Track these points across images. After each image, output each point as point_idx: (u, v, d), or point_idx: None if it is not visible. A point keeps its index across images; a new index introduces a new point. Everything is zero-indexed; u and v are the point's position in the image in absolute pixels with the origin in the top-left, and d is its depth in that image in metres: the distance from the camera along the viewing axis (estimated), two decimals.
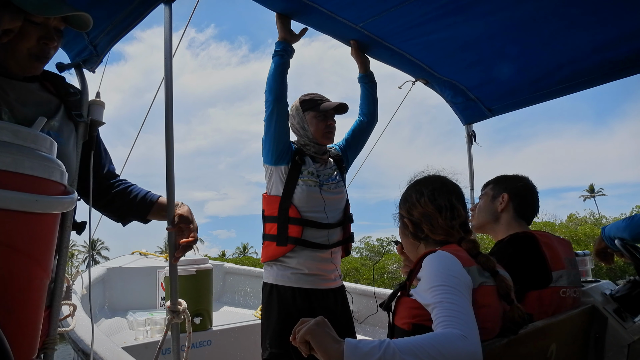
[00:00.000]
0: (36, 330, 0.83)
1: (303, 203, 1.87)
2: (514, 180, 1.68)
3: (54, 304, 1.11)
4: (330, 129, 1.98)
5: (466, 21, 1.92)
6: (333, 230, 1.93)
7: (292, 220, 1.85)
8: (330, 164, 2.06)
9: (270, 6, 1.84)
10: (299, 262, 1.84)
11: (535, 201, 1.67)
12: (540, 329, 1.17)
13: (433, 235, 1.17)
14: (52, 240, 0.86)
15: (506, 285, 1.04)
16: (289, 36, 1.88)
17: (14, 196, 0.71)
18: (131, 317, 3.11)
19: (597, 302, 1.55)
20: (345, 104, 2.00)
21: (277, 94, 1.83)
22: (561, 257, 1.48)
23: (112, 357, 1.59)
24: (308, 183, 1.88)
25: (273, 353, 1.77)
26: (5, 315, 0.73)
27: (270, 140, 1.87)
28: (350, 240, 2.03)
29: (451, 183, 1.24)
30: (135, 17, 1.54)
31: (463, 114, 2.72)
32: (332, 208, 1.94)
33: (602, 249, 1.75)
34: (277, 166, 1.90)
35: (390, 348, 0.78)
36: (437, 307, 0.89)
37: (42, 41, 1.08)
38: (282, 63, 1.85)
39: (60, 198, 0.82)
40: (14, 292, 0.75)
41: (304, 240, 1.85)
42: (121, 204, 1.39)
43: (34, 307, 0.81)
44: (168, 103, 1.35)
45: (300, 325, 0.90)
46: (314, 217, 1.88)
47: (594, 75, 2.26)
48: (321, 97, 2.02)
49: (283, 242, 1.84)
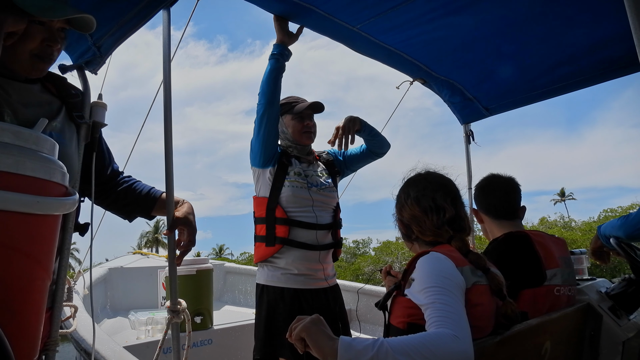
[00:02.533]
0: (37, 331, 0.83)
1: (290, 203, 1.87)
2: (477, 191, 1.76)
3: (55, 306, 1.11)
4: (309, 128, 1.99)
5: (463, 21, 1.93)
6: (322, 232, 1.93)
7: (278, 221, 1.86)
8: (318, 165, 2.06)
9: (267, 8, 1.85)
10: (287, 262, 1.85)
11: (503, 198, 1.68)
12: (534, 326, 1.18)
13: (423, 236, 1.20)
14: (53, 242, 0.86)
15: (498, 282, 1.07)
16: (286, 38, 1.89)
17: (15, 197, 0.70)
18: (133, 316, 3.13)
19: (592, 300, 1.57)
20: (319, 103, 2.00)
21: (270, 98, 1.83)
22: (555, 256, 1.50)
23: (114, 356, 1.61)
24: (294, 184, 1.89)
25: (263, 353, 1.79)
26: (6, 316, 0.73)
27: (259, 143, 1.87)
28: (338, 245, 2.01)
29: (437, 180, 1.24)
30: (140, 18, 1.55)
31: (461, 114, 2.74)
32: (321, 209, 1.94)
33: (598, 248, 1.76)
34: (264, 169, 1.91)
35: (384, 347, 0.80)
36: (430, 308, 0.91)
37: (46, 43, 1.08)
38: (277, 67, 1.86)
39: (61, 199, 0.82)
40: (15, 293, 0.75)
41: (291, 240, 1.86)
42: (126, 202, 1.41)
43: (35, 309, 0.81)
44: (167, 106, 1.37)
45: (296, 323, 0.92)
46: (301, 217, 1.88)
47: (591, 74, 2.27)
48: (296, 99, 2.04)
49: (271, 242, 1.86)
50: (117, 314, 3.51)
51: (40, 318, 0.84)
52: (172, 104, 1.38)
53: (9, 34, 0.98)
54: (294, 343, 0.90)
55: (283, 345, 1.74)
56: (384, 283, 1.53)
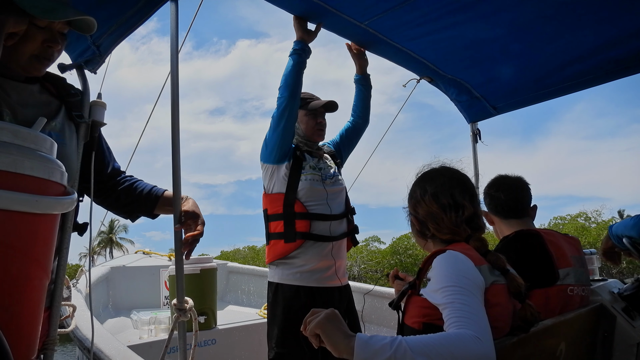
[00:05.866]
0: (35, 330, 0.83)
1: (308, 197, 1.88)
2: (485, 193, 1.72)
3: (53, 305, 1.11)
4: (321, 126, 2.02)
5: (471, 20, 1.92)
6: (336, 222, 1.95)
7: (298, 216, 1.86)
8: (326, 157, 2.09)
9: (276, 3, 1.82)
10: (304, 259, 1.85)
11: (511, 196, 1.65)
12: (549, 327, 1.16)
13: (439, 234, 1.15)
14: (51, 241, 0.85)
15: (517, 284, 1.03)
16: (306, 36, 1.90)
17: (13, 196, 0.70)
18: (135, 316, 3.11)
19: (605, 301, 1.54)
20: (334, 102, 2.01)
21: (293, 91, 1.83)
22: (567, 255, 1.47)
23: (118, 355, 1.58)
24: (310, 177, 1.90)
25: (278, 353, 1.77)
26: (4, 315, 0.73)
27: (277, 138, 1.86)
28: (355, 231, 2.06)
29: (455, 176, 1.20)
30: (140, 16, 1.54)
31: (467, 112, 2.72)
32: (334, 200, 1.96)
33: (609, 248, 1.73)
34: (279, 164, 1.90)
35: (402, 346, 0.77)
36: (449, 308, 0.88)
37: (47, 44, 1.08)
38: (300, 62, 1.87)
39: (60, 199, 0.81)
40: (13, 292, 0.75)
41: (312, 234, 1.86)
42: (128, 201, 1.39)
43: (33, 308, 0.81)
44: (174, 100, 1.35)
45: (311, 316, 0.89)
46: (318, 210, 1.89)
47: (598, 74, 2.26)
48: (311, 95, 2.05)
49: (291, 238, 1.84)
50: (119, 314, 3.48)
51: (39, 317, 0.84)
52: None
53: (10, 35, 0.98)
54: (309, 338, 0.87)
55: (299, 344, 1.72)
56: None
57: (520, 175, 1.72)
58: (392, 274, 1.46)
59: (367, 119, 2.23)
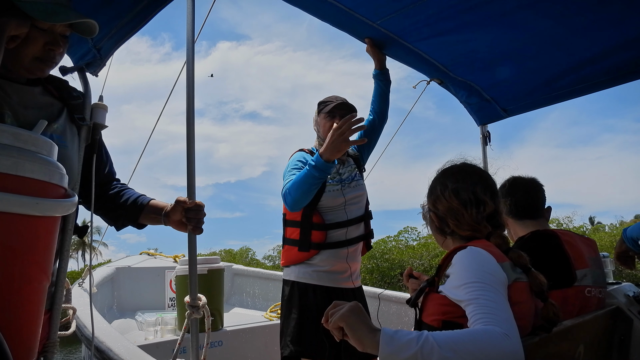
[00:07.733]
0: (36, 333, 0.83)
1: (327, 209, 1.88)
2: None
3: (54, 308, 1.11)
4: None
5: (482, 21, 1.92)
6: (352, 227, 1.93)
7: (315, 226, 1.86)
8: (350, 162, 2.06)
9: (293, 3, 1.82)
10: (320, 260, 1.85)
11: (525, 197, 1.63)
12: (569, 328, 1.14)
13: (459, 230, 1.13)
14: (52, 244, 0.85)
15: (540, 282, 1.01)
16: (336, 154, 1.66)
17: (14, 199, 0.70)
18: (140, 317, 3.09)
19: (621, 304, 1.52)
20: (345, 101, 1.97)
21: (298, 207, 1.79)
22: (585, 256, 1.45)
23: (128, 355, 1.57)
24: (331, 188, 1.90)
25: (293, 350, 1.75)
26: (4, 318, 0.72)
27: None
28: (369, 236, 2.03)
29: (477, 172, 1.19)
30: (141, 19, 1.56)
31: (477, 115, 2.70)
32: (352, 206, 1.94)
33: (623, 252, 1.70)
34: None
35: (429, 342, 0.76)
36: (473, 304, 0.86)
37: (48, 47, 1.08)
38: (318, 182, 1.71)
39: (60, 201, 0.81)
40: (14, 294, 0.75)
41: (327, 243, 1.86)
42: (113, 208, 1.36)
43: (33, 310, 0.81)
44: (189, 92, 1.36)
45: (333, 309, 0.87)
46: (334, 218, 1.89)
47: (609, 77, 2.24)
48: (332, 99, 2.02)
49: (305, 247, 1.85)
50: (124, 315, 3.47)
51: (39, 320, 0.84)
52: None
53: (12, 37, 0.98)
54: (331, 331, 0.86)
55: (317, 339, 1.71)
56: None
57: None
58: (407, 273, 1.45)
59: (385, 115, 2.19)
